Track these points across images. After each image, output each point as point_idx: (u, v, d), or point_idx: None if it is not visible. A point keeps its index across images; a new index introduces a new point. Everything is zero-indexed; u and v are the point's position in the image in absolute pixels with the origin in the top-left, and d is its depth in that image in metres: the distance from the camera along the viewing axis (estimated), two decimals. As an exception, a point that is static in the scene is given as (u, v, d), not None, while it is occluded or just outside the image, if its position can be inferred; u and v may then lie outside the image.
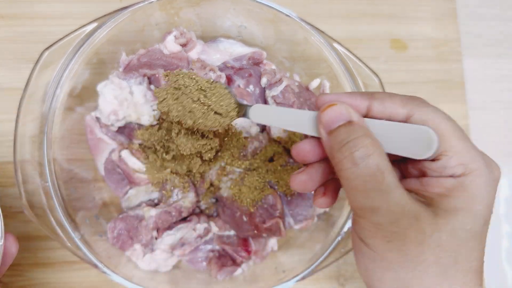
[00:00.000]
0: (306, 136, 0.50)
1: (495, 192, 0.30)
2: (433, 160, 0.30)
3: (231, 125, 0.47)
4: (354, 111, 0.31)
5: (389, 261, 0.29)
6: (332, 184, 0.35)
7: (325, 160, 0.34)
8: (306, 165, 0.35)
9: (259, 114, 0.36)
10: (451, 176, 0.29)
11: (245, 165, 0.49)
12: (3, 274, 0.39)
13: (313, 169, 0.34)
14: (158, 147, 0.48)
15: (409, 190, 0.31)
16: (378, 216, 0.29)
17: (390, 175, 0.28)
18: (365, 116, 0.32)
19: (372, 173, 0.28)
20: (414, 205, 0.29)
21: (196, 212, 0.52)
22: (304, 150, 0.34)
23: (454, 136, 0.29)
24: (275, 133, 0.50)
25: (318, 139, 0.33)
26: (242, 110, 0.38)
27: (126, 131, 0.50)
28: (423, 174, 0.31)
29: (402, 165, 0.34)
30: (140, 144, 0.49)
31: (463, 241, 0.29)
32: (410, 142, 0.29)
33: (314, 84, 0.54)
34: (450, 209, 0.29)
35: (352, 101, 0.31)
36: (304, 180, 0.34)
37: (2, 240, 0.38)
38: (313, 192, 0.49)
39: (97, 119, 0.49)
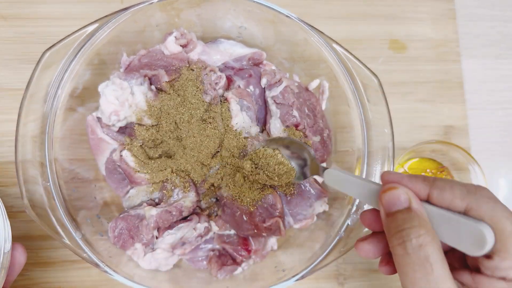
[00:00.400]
0: (305, 135, 0.50)
1: None
2: (487, 256, 0.30)
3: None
4: (414, 197, 0.31)
5: None
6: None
7: None
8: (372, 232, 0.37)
9: (334, 179, 0.38)
10: (503, 278, 0.29)
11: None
12: (12, 283, 0.39)
13: (377, 238, 0.35)
14: (151, 145, 0.49)
15: (461, 283, 0.31)
16: None
17: (440, 267, 0.28)
18: (425, 200, 0.32)
19: (422, 263, 0.28)
20: None
21: (197, 212, 0.52)
22: (370, 219, 0.36)
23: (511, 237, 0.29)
24: (275, 133, 0.51)
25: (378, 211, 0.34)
26: (316, 170, 0.42)
27: (127, 131, 0.50)
28: (477, 268, 0.31)
29: (459, 252, 0.33)
30: (141, 145, 0.50)
31: None
32: (465, 237, 0.29)
33: (313, 84, 0.54)
34: None
35: (413, 186, 0.32)
36: (368, 249, 0.35)
37: (10, 245, 0.38)
38: (312, 191, 0.49)
39: (98, 119, 0.50)
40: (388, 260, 0.36)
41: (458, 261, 0.34)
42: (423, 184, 0.32)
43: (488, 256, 0.29)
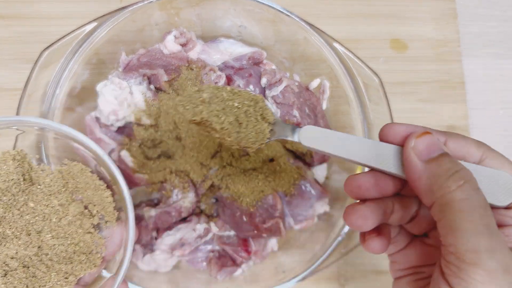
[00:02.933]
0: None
1: None
2: (508, 208, 0.28)
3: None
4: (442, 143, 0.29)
5: None
6: (385, 228, 0.32)
7: (387, 198, 0.31)
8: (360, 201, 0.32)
9: (313, 137, 0.31)
10: None
11: (245, 165, 0.49)
12: None
13: (374, 204, 0.31)
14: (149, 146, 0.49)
15: None
16: (493, 260, 0.24)
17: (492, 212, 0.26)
18: None
19: (485, 206, 0.25)
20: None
21: (196, 212, 0.52)
22: (367, 184, 0.31)
23: None
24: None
25: (383, 173, 0.30)
26: (281, 130, 0.33)
27: (126, 131, 0.50)
28: (500, 224, 0.28)
29: None
30: (140, 145, 0.49)
31: None
32: (491, 187, 0.28)
33: (314, 84, 0.54)
34: None
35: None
36: (366, 215, 0.30)
37: (133, 218, 0.37)
38: (313, 192, 0.48)
39: (97, 119, 0.49)
40: (380, 231, 0.31)
41: None
42: (438, 134, 0.29)
43: (509, 208, 0.28)
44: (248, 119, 0.33)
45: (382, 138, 0.31)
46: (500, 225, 0.28)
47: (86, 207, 0.38)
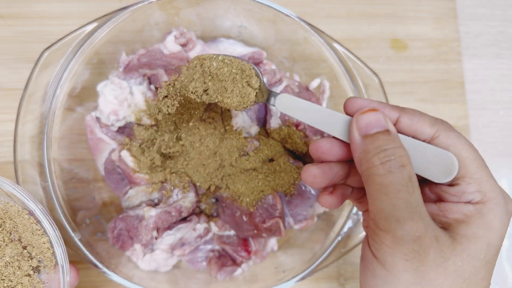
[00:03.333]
0: (306, 135, 0.50)
1: (508, 224, 0.30)
2: (451, 185, 0.30)
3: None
4: (389, 121, 0.31)
5: (404, 282, 0.28)
6: (341, 188, 0.35)
7: (341, 162, 0.34)
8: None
9: (286, 104, 0.36)
10: (469, 202, 0.30)
11: (245, 165, 0.49)
12: None
13: (328, 166, 0.34)
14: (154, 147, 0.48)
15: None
16: (402, 229, 0.28)
17: (418, 190, 0.29)
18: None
19: (405, 183, 0.28)
20: (435, 225, 0.29)
21: (196, 212, 0.52)
22: (323, 147, 0.34)
23: (474, 164, 0.30)
24: (275, 125, 0.50)
25: (339, 140, 0.34)
26: (265, 95, 0.38)
27: (126, 131, 0.50)
28: (440, 199, 0.32)
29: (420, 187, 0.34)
30: (140, 144, 0.49)
31: (476, 269, 0.29)
32: (432, 165, 0.30)
33: (314, 84, 0.54)
34: (468, 236, 0.29)
35: (383, 110, 0.32)
36: (316, 174, 0.34)
37: (68, 277, 0.37)
38: (312, 192, 0.49)
39: (97, 119, 0.49)
40: (333, 190, 0.35)
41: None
42: (392, 110, 0.32)
43: (452, 184, 0.30)
44: (234, 85, 0.37)
45: (344, 109, 0.33)
46: (439, 200, 0.31)
47: (25, 248, 0.37)
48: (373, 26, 0.61)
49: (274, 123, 0.51)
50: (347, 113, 0.33)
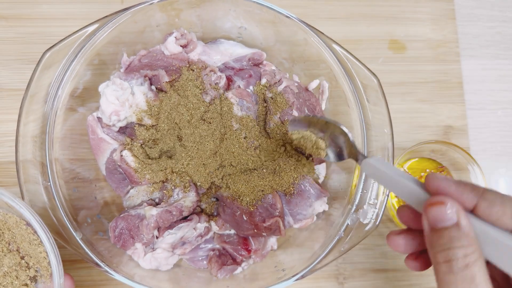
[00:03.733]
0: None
1: None
2: None
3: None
4: (463, 212, 0.30)
5: None
6: (426, 254, 0.34)
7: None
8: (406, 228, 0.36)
9: (369, 170, 0.37)
10: None
11: (245, 165, 0.49)
12: None
13: (412, 235, 0.35)
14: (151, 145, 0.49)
15: None
16: None
17: (485, 287, 0.28)
18: (470, 211, 0.31)
19: (468, 284, 0.28)
20: None
21: (197, 212, 0.52)
22: (409, 216, 0.35)
23: None
24: (275, 125, 0.51)
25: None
26: (354, 155, 0.39)
27: (127, 131, 0.50)
28: None
29: None
30: (141, 144, 0.50)
31: None
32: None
33: (313, 84, 0.54)
34: None
35: (460, 195, 0.30)
36: (400, 244, 0.35)
37: (62, 279, 0.38)
38: (312, 191, 0.49)
39: (99, 119, 0.50)
40: (418, 256, 0.35)
41: (500, 275, 0.32)
42: (471, 194, 0.30)
43: None
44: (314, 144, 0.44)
45: (426, 186, 0.33)
46: None
47: (22, 258, 0.38)
48: (372, 27, 0.62)
49: (274, 123, 0.51)
50: (428, 190, 0.32)
